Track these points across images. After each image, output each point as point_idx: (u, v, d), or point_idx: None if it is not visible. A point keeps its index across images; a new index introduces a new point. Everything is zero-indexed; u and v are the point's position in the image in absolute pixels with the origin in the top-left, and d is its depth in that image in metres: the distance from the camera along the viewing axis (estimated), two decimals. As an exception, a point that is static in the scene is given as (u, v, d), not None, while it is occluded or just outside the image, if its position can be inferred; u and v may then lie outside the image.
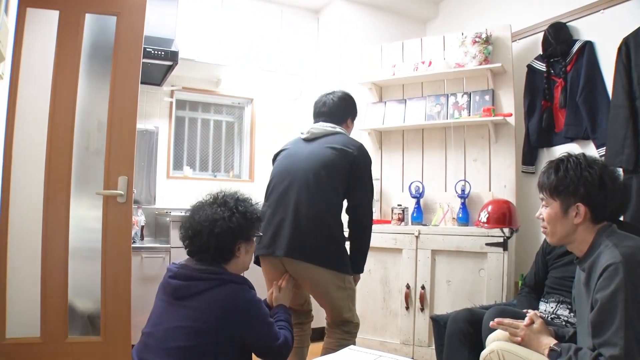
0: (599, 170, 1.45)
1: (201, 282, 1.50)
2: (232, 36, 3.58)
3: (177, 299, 1.50)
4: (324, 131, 2.19)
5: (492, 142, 3.11)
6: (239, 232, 1.58)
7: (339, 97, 2.29)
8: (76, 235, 2.57)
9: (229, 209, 1.58)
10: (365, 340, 3.02)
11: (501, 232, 2.68)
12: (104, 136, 2.61)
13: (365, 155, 2.15)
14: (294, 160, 2.14)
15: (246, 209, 1.62)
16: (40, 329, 2.46)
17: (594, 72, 2.82)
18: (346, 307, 2.10)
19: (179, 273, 1.54)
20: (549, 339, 1.50)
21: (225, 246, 1.57)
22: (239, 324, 1.49)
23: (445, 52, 3.30)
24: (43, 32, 2.53)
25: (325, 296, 2.08)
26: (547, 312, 2.00)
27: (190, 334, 1.43)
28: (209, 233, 1.54)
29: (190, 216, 1.62)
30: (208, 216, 1.56)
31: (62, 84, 2.52)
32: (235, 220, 1.57)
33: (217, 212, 1.56)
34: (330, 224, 2.03)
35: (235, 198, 1.64)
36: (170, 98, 3.78)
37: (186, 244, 1.61)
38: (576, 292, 1.57)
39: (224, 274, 1.54)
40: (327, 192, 2.04)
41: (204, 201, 1.64)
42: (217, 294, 1.48)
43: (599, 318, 1.31)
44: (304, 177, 2.04)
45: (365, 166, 2.15)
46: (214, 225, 1.54)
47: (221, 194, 1.65)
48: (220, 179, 4.03)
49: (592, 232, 1.45)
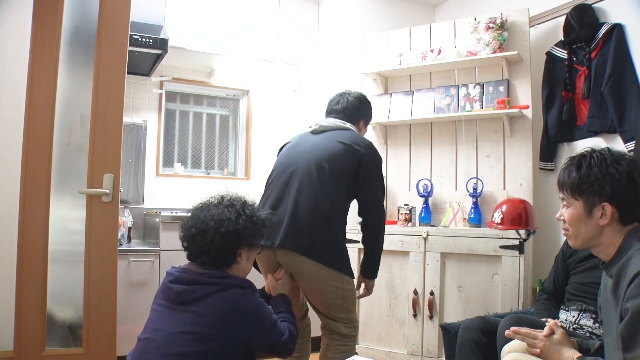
0: (627, 167, 1.40)
1: (205, 286, 1.55)
2: (226, 23, 3.55)
3: (178, 303, 1.55)
4: (334, 125, 2.22)
5: (507, 136, 3.07)
6: (244, 235, 1.64)
7: (355, 97, 2.34)
8: (57, 237, 2.54)
9: (236, 211, 1.65)
10: (369, 351, 3.00)
11: (517, 234, 2.65)
12: (87, 131, 2.58)
13: (375, 153, 2.17)
14: (297, 151, 2.17)
15: (253, 213, 1.69)
16: (14, 341, 2.43)
17: (623, 58, 2.76)
18: (340, 308, 2.08)
19: (180, 277, 1.58)
20: (571, 351, 1.47)
21: (228, 248, 1.62)
22: (245, 328, 1.55)
23: (456, 39, 3.27)
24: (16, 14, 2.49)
25: (316, 293, 2.07)
26: (568, 321, 1.96)
27: (193, 340, 1.48)
28: (215, 232, 1.59)
29: (194, 214, 1.67)
30: (214, 215, 1.62)
31: (39, 73, 2.48)
32: (242, 222, 1.63)
33: (224, 212, 1.63)
34: (330, 219, 2.02)
35: (243, 202, 1.72)
36: (159, 89, 3.76)
37: (186, 245, 1.66)
38: (602, 300, 1.53)
39: (228, 278, 1.60)
40: (329, 186, 2.03)
41: (209, 201, 1.71)
42: (221, 299, 1.54)
43: (630, 330, 1.26)
44: (307, 169, 2.06)
45: (375, 165, 2.16)
46: (220, 225, 1.60)
47: (227, 196, 1.72)
48: (214, 176, 4.00)
49: (620, 234, 1.41)
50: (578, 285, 2.01)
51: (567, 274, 2.11)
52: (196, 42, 3.44)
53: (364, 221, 2.16)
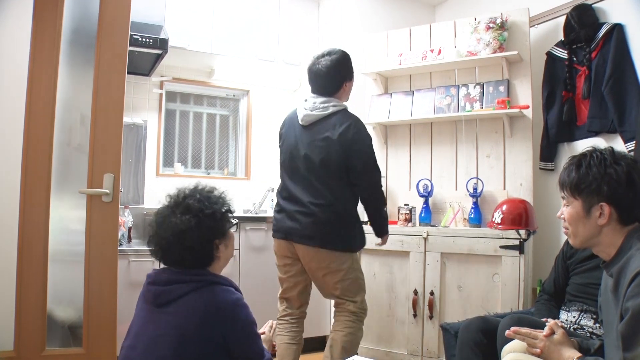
0: (627, 167, 1.40)
1: (182, 285, 1.47)
2: (226, 23, 3.55)
3: (158, 306, 1.47)
4: (317, 116, 2.35)
5: (507, 136, 3.07)
6: (213, 235, 1.55)
7: (332, 62, 2.38)
8: (57, 237, 2.54)
9: (194, 215, 1.50)
10: (369, 351, 3.00)
11: (517, 234, 2.65)
12: (87, 130, 2.58)
13: (361, 131, 2.33)
14: (295, 158, 2.37)
15: (213, 208, 1.55)
16: (14, 341, 2.43)
17: (623, 58, 2.76)
18: (348, 288, 2.35)
19: (158, 278, 1.51)
20: (571, 351, 1.47)
21: (201, 253, 1.53)
22: (221, 327, 1.45)
23: (456, 39, 3.26)
24: (17, 14, 2.49)
25: (329, 276, 2.33)
26: (568, 321, 1.96)
27: (174, 343, 1.40)
28: (180, 247, 1.49)
29: (155, 232, 1.55)
30: (174, 229, 1.49)
31: (40, 73, 2.48)
32: (205, 226, 1.51)
33: (183, 221, 1.49)
34: (339, 211, 2.29)
35: (197, 198, 1.55)
36: (159, 89, 3.75)
37: (159, 259, 1.56)
38: (603, 299, 1.53)
39: (206, 275, 1.51)
40: (332, 187, 2.29)
41: (166, 208, 1.56)
42: (198, 297, 1.45)
43: (630, 329, 1.26)
44: (308, 179, 2.31)
45: (363, 143, 2.33)
46: (182, 238, 1.48)
47: (181, 196, 1.56)
48: (214, 176, 4.00)
49: (620, 234, 1.41)
50: (578, 286, 2.00)
51: (567, 275, 2.10)
52: (196, 42, 3.44)
53: (364, 198, 2.40)
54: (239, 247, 3.26)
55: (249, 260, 3.29)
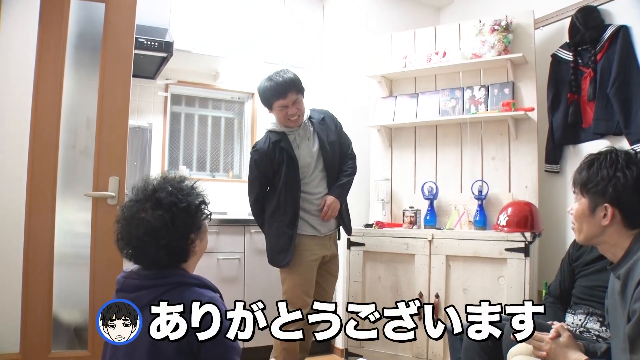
0: (638, 172, 1.40)
1: (149, 290, 1.37)
2: (231, 26, 3.55)
3: None
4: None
5: (512, 139, 3.06)
6: (189, 230, 1.44)
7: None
8: (62, 240, 2.55)
9: (167, 210, 1.39)
10: (374, 354, 2.99)
11: (522, 236, 2.64)
12: (93, 134, 2.60)
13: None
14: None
15: (187, 201, 1.44)
16: (20, 344, 2.43)
17: (629, 60, 2.75)
18: None
19: (125, 285, 1.41)
20: (578, 354, 1.47)
21: (177, 250, 1.42)
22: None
23: (461, 41, 3.26)
24: (23, 18, 2.51)
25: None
26: (574, 324, 1.95)
27: (148, 349, 1.32)
28: (155, 247, 1.38)
29: (124, 229, 1.42)
30: (147, 227, 1.37)
31: (46, 76, 2.50)
32: (179, 221, 1.40)
33: (156, 217, 1.38)
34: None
35: (169, 191, 1.42)
36: (164, 92, 3.77)
37: (131, 259, 1.45)
38: (610, 302, 1.53)
39: (173, 276, 1.41)
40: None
41: (133, 202, 1.43)
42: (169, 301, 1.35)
43: (637, 331, 1.26)
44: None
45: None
46: (157, 237, 1.37)
47: (150, 188, 1.44)
48: (219, 179, 4.01)
49: (626, 236, 1.41)
50: (584, 289, 1.99)
51: (573, 278, 2.09)
52: (201, 45, 3.44)
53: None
54: (244, 251, 3.26)
55: (254, 264, 3.28)
